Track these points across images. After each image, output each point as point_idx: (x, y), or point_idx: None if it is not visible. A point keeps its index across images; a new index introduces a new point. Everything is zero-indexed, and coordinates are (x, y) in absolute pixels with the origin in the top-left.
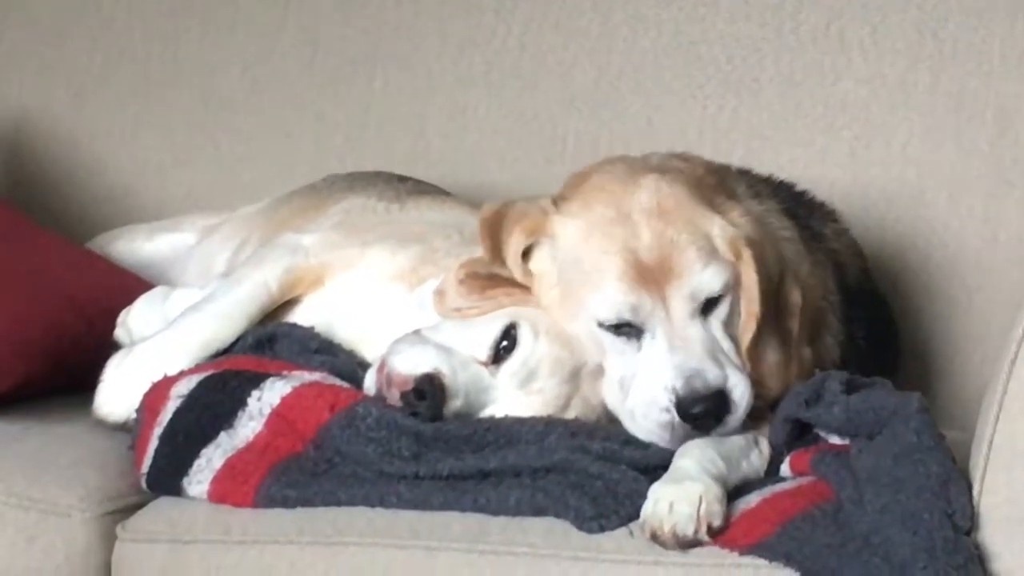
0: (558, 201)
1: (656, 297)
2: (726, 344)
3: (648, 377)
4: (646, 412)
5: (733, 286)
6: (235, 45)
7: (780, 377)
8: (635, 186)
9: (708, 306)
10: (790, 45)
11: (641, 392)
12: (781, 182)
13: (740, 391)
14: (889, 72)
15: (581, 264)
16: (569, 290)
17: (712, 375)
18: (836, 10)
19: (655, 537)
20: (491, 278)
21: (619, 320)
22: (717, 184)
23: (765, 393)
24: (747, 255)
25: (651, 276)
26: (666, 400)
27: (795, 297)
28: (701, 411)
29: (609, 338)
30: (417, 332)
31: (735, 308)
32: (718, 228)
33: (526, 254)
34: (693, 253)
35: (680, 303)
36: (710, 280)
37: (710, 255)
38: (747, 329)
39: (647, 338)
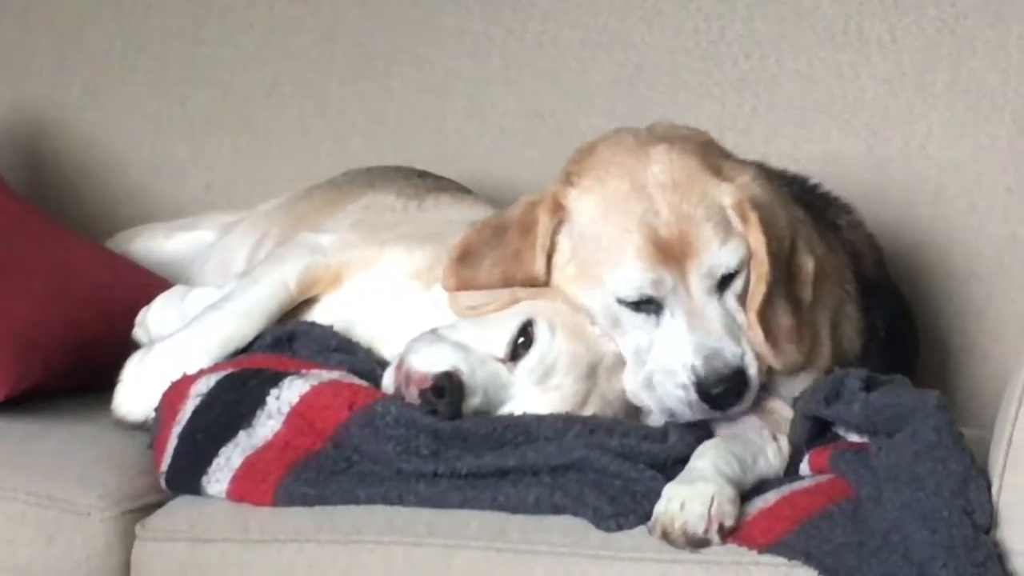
0: (567, 176)
1: (675, 273)
2: (740, 317)
3: (667, 351)
4: (662, 380)
5: (748, 260)
6: (254, 43)
7: (793, 341)
8: (646, 158)
9: (724, 281)
10: (808, 42)
11: (659, 362)
12: (795, 176)
13: (754, 368)
14: (907, 69)
15: (599, 240)
16: (585, 266)
17: (731, 353)
18: (854, 7)
19: (666, 535)
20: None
21: (640, 297)
22: (723, 150)
23: (780, 357)
24: (753, 218)
25: (670, 252)
26: (685, 377)
27: (807, 265)
28: (721, 391)
29: (627, 313)
30: (435, 330)
31: (748, 278)
32: (728, 197)
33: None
34: (710, 230)
35: (698, 280)
36: (728, 257)
37: (726, 231)
38: (756, 292)
39: (666, 315)
